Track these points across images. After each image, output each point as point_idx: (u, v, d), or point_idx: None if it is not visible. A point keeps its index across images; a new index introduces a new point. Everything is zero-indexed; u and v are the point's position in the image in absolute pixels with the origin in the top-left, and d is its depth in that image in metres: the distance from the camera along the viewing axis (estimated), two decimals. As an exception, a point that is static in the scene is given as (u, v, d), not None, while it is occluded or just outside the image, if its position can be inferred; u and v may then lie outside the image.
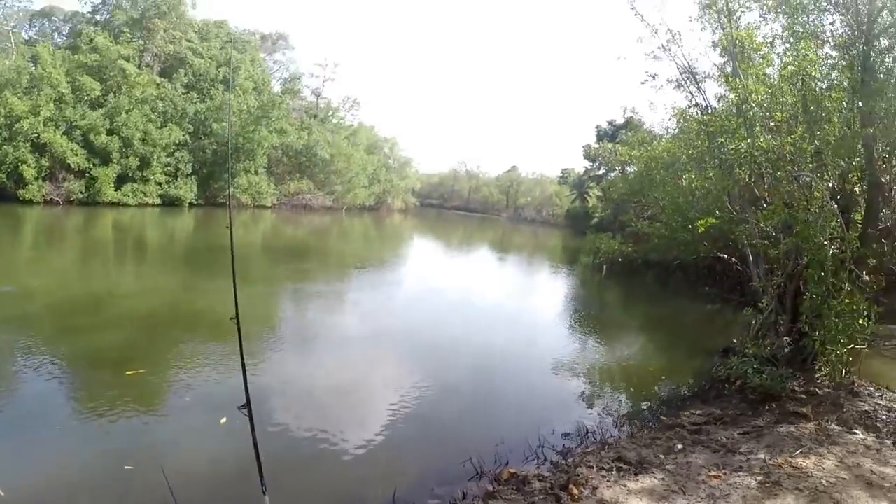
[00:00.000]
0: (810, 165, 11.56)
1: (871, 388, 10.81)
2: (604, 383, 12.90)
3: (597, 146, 60.56)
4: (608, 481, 6.80)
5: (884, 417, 9.31)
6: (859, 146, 11.03)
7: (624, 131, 49.16)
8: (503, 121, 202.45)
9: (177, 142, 39.61)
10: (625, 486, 6.68)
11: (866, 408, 9.71)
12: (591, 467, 7.26)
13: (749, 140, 12.65)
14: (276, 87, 51.33)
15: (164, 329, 13.21)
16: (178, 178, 40.38)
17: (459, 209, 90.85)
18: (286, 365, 11.40)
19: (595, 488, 6.54)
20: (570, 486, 6.55)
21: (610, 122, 62.75)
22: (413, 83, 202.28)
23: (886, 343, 15.17)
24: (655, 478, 6.94)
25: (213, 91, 42.49)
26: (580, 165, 75.01)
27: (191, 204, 40.38)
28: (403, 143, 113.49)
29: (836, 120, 11.36)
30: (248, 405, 3.81)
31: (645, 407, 11.03)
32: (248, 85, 44.94)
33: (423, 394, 10.38)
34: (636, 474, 7.07)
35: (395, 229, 54.27)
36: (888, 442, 8.26)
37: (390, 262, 30.07)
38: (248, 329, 12.62)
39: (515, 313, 20.13)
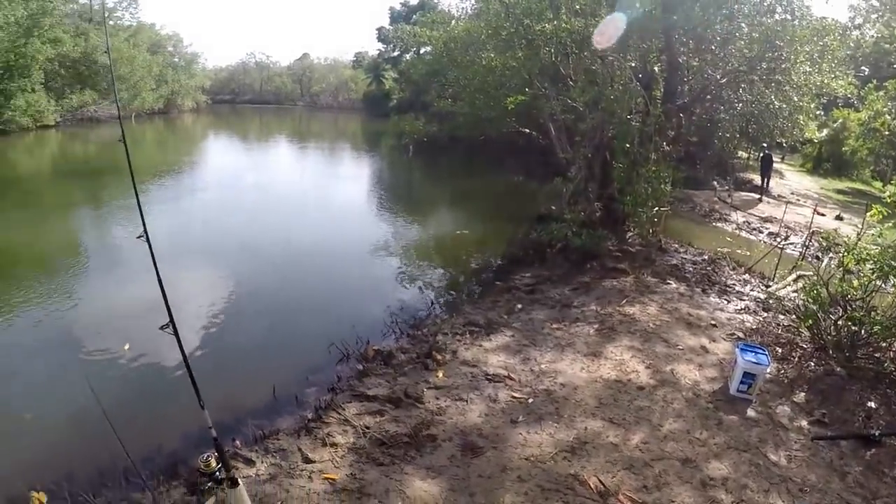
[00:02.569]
0: (613, 46, 12.44)
1: (677, 245, 12.57)
2: (432, 256, 13.54)
3: (391, 28, 59.60)
4: (465, 344, 7.46)
5: (690, 269, 10.95)
6: (659, 30, 12.00)
7: (419, 13, 48.70)
8: (292, 5, 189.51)
9: None
10: (481, 345, 7.40)
11: (674, 262, 11.32)
12: (447, 334, 7.89)
13: (555, 22, 13.34)
14: None
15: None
16: None
17: (253, 103, 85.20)
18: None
19: (455, 352, 7.18)
20: (433, 352, 7.10)
21: (403, 4, 62.01)
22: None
23: (684, 206, 17.42)
24: (506, 335, 7.74)
25: None
26: (374, 49, 73.59)
27: None
28: (188, 39, 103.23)
29: (638, 5, 12.24)
30: (171, 323, 3.68)
31: (476, 274, 11.86)
32: None
33: (268, 295, 10.34)
34: (488, 334, 7.82)
35: (189, 131, 50.32)
36: (697, 290, 9.81)
37: (188, 166, 28.01)
38: (58, 258, 11.66)
39: (332, 202, 20.08)
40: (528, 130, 21.18)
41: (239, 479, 3.31)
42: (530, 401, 5.92)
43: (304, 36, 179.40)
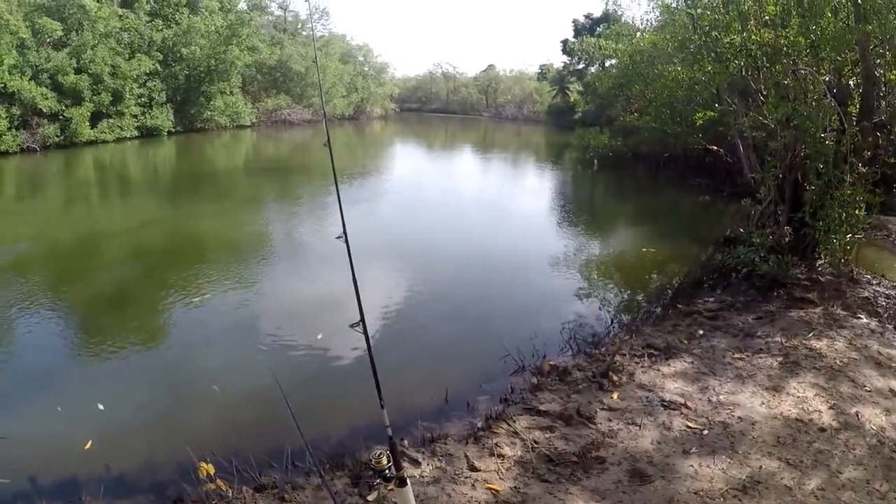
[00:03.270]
0: (806, 59, 11.82)
1: (869, 276, 11.51)
2: (612, 274, 13.43)
3: (575, 40, 59.65)
4: (642, 367, 7.40)
5: (883, 303, 10.03)
6: (854, 41, 11.28)
7: (602, 25, 48.42)
8: (477, 18, 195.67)
9: (147, 72, 38.31)
10: (659, 370, 7.31)
11: (866, 294, 10.44)
12: (625, 355, 7.82)
13: (744, 34, 12.90)
14: (243, 5, 49.49)
15: (197, 254, 13.58)
16: (154, 108, 39.33)
17: (439, 112, 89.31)
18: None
19: (632, 374, 7.14)
20: (610, 373, 7.08)
21: (587, 16, 62.02)
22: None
23: (878, 233, 15.95)
24: (685, 361, 7.59)
25: (178, 15, 40.92)
26: (558, 61, 73.99)
27: (169, 132, 39.63)
28: (378, 50, 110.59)
29: (829, 14, 11.57)
30: (362, 322, 3.73)
31: (657, 295, 11.66)
32: (213, 5, 43.30)
33: (449, 300, 10.81)
34: (667, 359, 7.69)
35: (377, 137, 53.78)
36: (889, 326, 8.97)
37: (377, 170, 29.89)
38: (254, 250, 13.03)
39: (514, 212, 20.40)
40: (715, 148, 20.48)
41: (408, 480, 3.30)
42: (705, 432, 5.79)
43: (489, 48, 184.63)
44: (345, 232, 4.29)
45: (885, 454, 5.61)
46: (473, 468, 5.19)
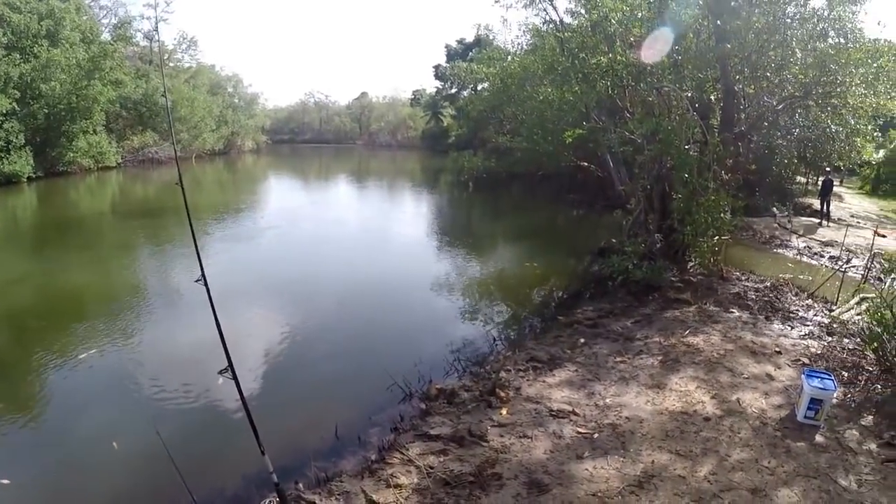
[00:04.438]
0: (669, 77, 12.56)
1: (738, 273, 12.44)
2: (493, 292, 13.51)
3: (448, 65, 60.70)
4: (528, 380, 7.45)
5: (753, 297, 10.81)
6: (714, 60, 12.10)
7: (475, 49, 49.69)
8: (349, 45, 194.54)
9: (3, 112, 34.67)
10: (544, 381, 7.38)
11: (737, 290, 11.19)
12: (510, 370, 7.85)
13: (610, 55, 13.55)
14: (106, 35, 46.30)
15: (67, 311, 12.28)
16: (11, 152, 35.20)
17: (312, 142, 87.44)
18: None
19: (518, 388, 7.16)
20: (497, 389, 7.06)
21: (459, 41, 63.27)
22: (251, 13, 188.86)
23: (744, 234, 17.24)
24: (569, 370, 7.72)
25: (37, 48, 37.42)
26: (431, 86, 74.92)
27: (29, 178, 35.57)
28: (248, 80, 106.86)
29: (691, 35, 12.35)
30: (230, 368, 3.76)
31: (538, 309, 11.82)
32: (74, 37, 40.08)
33: (329, 334, 10.41)
34: (551, 370, 7.78)
35: (250, 171, 51.66)
36: (760, 317, 9.69)
37: (251, 206, 28.77)
38: (118, 300, 12.17)
39: (392, 240, 20.18)
40: (586, 164, 21.27)
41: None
42: (595, 436, 5.91)
43: (362, 74, 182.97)
44: (203, 275, 4.16)
45: (769, 433, 5.98)
46: (372, 502, 5.06)
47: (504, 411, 6.55)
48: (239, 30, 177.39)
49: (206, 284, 4.10)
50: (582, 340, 9.03)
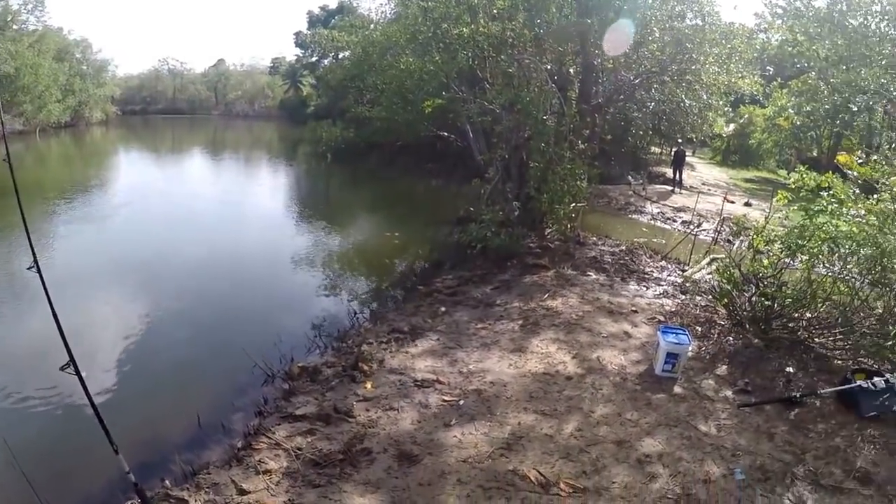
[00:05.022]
0: (530, 49, 12.67)
1: (595, 238, 12.98)
2: (354, 264, 13.34)
3: (309, 33, 58.97)
4: (391, 352, 7.31)
5: (609, 260, 11.27)
6: (575, 34, 12.32)
7: (338, 17, 48.49)
8: (206, 8, 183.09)
9: None
10: (407, 352, 7.27)
11: (593, 254, 11.61)
12: (372, 343, 7.70)
13: (472, 26, 13.48)
14: None
15: None
16: None
17: (166, 112, 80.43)
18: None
19: (382, 361, 7.01)
20: (360, 363, 6.87)
21: (322, 8, 61.82)
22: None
23: (600, 201, 17.93)
24: (431, 340, 7.65)
25: None
26: (291, 54, 72.75)
27: None
28: (97, 44, 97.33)
29: (553, 9, 12.48)
30: (72, 362, 3.42)
31: (399, 280, 11.78)
32: None
33: (185, 318, 9.72)
34: (413, 340, 7.70)
35: (99, 145, 47.13)
36: (617, 279, 10.12)
37: (101, 184, 26.39)
38: None
39: (249, 216, 19.23)
40: (445, 134, 21.26)
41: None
42: (461, 402, 5.87)
43: (219, 41, 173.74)
44: (35, 261, 3.78)
45: (629, 388, 6.20)
46: (243, 491, 4.74)
47: (369, 385, 6.37)
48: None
49: (39, 271, 3.70)
50: (443, 309, 8.98)
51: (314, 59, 61.84)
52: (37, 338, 7.97)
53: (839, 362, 6.84)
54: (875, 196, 7.19)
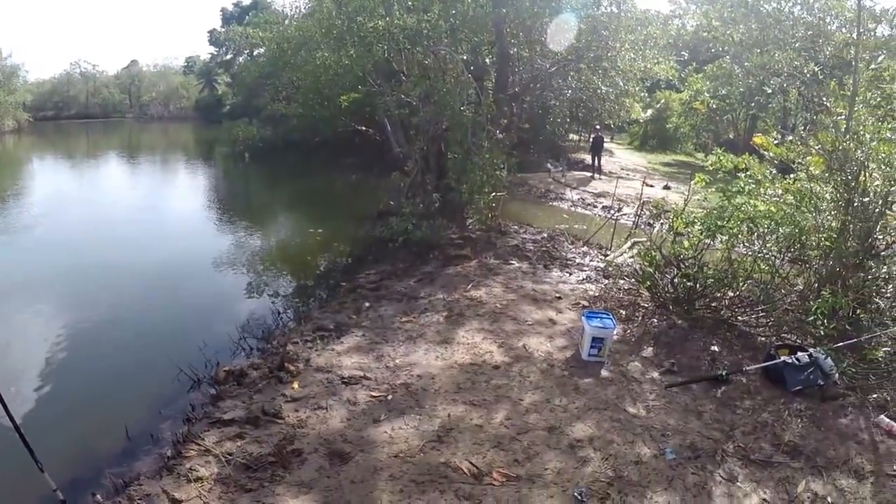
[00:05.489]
0: (446, 40, 12.55)
1: (516, 227, 12.96)
2: (276, 264, 13.00)
3: (223, 30, 57.42)
4: (317, 350, 7.12)
5: (531, 248, 11.29)
6: (490, 24, 12.26)
7: (252, 13, 47.24)
8: (118, 8, 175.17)
9: None
10: (333, 349, 7.07)
11: (515, 242, 11.61)
12: (297, 342, 7.47)
13: (388, 18, 13.27)
14: None
15: None
16: None
17: (79, 117, 76.59)
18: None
19: (308, 360, 6.81)
20: (286, 364, 6.70)
21: (236, 4, 60.18)
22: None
23: (520, 189, 17.95)
24: (356, 336, 7.45)
25: None
26: (206, 53, 70.77)
27: None
28: (7, 50, 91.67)
29: (469, 0, 12.40)
30: None
31: (322, 277, 11.54)
32: None
33: (105, 328, 9.28)
34: (339, 337, 7.50)
35: (12, 155, 44.52)
36: (539, 266, 10.12)
37: (12, 194, 24.81)
38: None
39: (166, 219, 18.46)
40: (363, 128, 21.03)
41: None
42: (389, 397, 5.75)
43: (131, 41, 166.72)
44: None
45: (557, 374, 6.16)
46: (175, 501, 4.53)
47: (295, 385, 6.19)
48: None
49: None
50: (367, 304, 8.79)
51: (229, 56, 60.37)
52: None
53: (763, 339, 7.00)
54: (791, 176, 7.39)
